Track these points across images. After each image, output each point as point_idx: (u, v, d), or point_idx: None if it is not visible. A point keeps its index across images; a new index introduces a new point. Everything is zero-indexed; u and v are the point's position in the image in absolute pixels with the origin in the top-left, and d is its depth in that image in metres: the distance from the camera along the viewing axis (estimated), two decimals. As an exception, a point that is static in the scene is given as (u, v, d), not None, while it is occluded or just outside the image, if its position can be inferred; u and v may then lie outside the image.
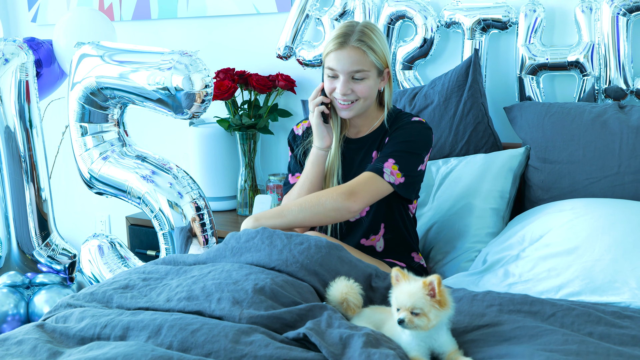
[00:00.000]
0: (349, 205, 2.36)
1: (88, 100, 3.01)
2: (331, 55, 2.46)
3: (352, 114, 2.51)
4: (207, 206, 2.98)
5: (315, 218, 2.38)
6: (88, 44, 3.03)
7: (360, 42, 2.42)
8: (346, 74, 2.44)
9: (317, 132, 2.55)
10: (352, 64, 2.43)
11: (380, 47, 2.45)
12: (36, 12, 4.58)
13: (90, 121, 3.05)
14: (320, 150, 2.55)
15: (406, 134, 2.48)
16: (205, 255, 2.22)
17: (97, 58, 2.97)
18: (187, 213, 2.92)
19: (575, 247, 2.22)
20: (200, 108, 2.79)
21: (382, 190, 2.42)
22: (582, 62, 2.84)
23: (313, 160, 2.56)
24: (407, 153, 2.45)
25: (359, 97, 2.47)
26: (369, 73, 2.45)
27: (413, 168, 2.46)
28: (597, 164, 2.62)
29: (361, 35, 2.43)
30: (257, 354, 1.63)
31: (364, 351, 1.63)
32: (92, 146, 3.06)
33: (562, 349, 1.63)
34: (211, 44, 3.94)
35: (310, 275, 2.03)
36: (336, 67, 2.45)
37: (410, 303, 1.69)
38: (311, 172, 2.56)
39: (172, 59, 2.77)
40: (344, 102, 2.48)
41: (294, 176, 2.69)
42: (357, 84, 2.46)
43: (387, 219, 2.56)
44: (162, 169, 2.98)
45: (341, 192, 2.37)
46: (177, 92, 2.75)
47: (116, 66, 2.91)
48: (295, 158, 2.70)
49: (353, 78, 2.45)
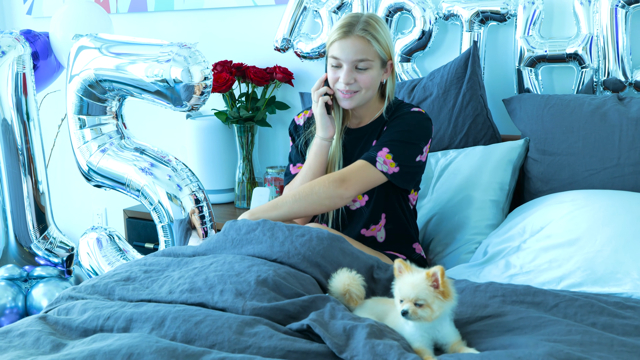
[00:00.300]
0: (341, 192, 2.37)
1: (86, 93, 3.00)
2: (335, 45, 2.46)
3: (353, 105, 2.51)
4: (206, 199, 2.97)
5: (311, 208, 2.40)
6: (86, 36, 3.02)
7: (365, 31, 2.43)
8: (350, 62, 2.45)
9: (321, 123, 2.55)
10: (356, 53, 2.43)
11: (384, 38, 2.46)
12: (31, 4, 4.56)
13: (89, 114, 3.04)
14: (323, 140, 2.55)
15: (403, 124, 2.48)
16: (205, 246, 2.22)
17: (95, 50, 2.96)
18: (186, 205, 2.92)
19: (577, 239, 2.23)
20: (200, 100, 2.78)
21: (374, 178, 2.43)
22: (581, 54, 2.84)
23: (316, 151, 2.56)
24: (402, 142, 2.45)
25: (361, 88, 2.47)
26: (372, 63, 2.45)
27: (409, 158, 2.46)
28: (596, 156, 2.62)
29: (366, 25, 2.44)
30: (261, 345, 1.64)
31: (368, 342, 1.63)
32: (90, 139, 3.06)
33: (565, 339, 1.63)
34: (208, 36, 3.93)
35: (312, 267, 2.03)
36: (340, 55, 2.45)
37: (413, 294, 1.69)
38: (314, 163, 2.56)
39: (171, 51, 2.77)
40: (346, 92, 2.48)
41: (295, 166, 2.69)
42: (361, 74, 2.46)
43: (388, 208, 2.56)
44: (161, 161, 2.97)
45: (333, 179, 2.39)
46: (176, 84, 2.74)
47: (115, 58, 2.90)
48: (297, 148, 2.70)
49: (357, 68, 2.45)
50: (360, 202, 2.56)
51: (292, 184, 2.63)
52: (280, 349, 1.63)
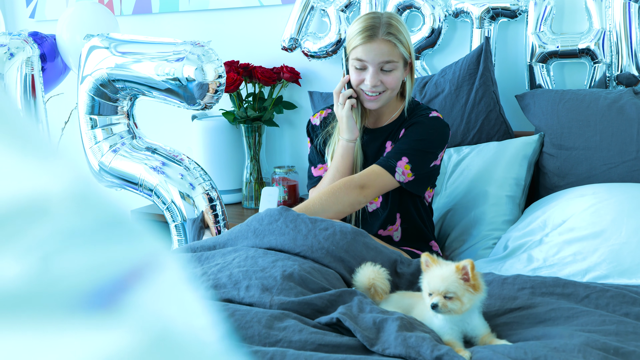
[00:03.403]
0: (360, 199, 2.40)
1: (98, 92, 2.98)
2: (359, 48, 2.45)
3: (379, 105, 2.51)
4: (219, 197, 2.96)
5: (337, 216, 2.41)
6: (97, 36, 3.01)
7: (390, 34, 2.42)
8: (376, 65, 2.44)
9: (347, 125, 2.53)
10: (382, 55, 2.43)
11: (406, 38, 2.46)
12: (34, 8, 4.55)
13: (100, 113, 3.03)
14: (349, 142, 2.54)
15: (423, 132, 2.48)
16: (226, 236, 2.21)
17: (107, 50, 2.95)
18: (199, 204, 2.90)
19: (601, 231, 2.22)
20: (213, 99, 2.77)
21: (389, 185, 2.45)
22: (593, 50, 2.84)
23: (342, 153, 2.54)
24: (422, 152, 2.46)
25: (387, 89, 2.47)
26: (397, 64, 2.45)
27: (425, 166, 2.46)
28: (614, 150, 2.62)
29: (389, 27, 2.43)
30: (292, 339, 1.62)
31: (399, 335, 1.62)
32: (102, 139, 3.04)
33: (600, 329, 1.62)
34: (214, 37, 3.92)
35: (336, 262, 2.02)
36: (366, 58, 2.44)
37: (443, 287, 1.68)
38: (341, 165, 2.54)
39: (184, 49, 2.76)
40: (372, 93, 2.47)
41: (316, 168, 2.67)
42: (386, 75, 2.45)
43: (402, 209, 2.56)
44: (173, 160, 2.96)
45: (354, 186, 2.39)
46: (189, 82, 2.73)
47: (127, 57, 2.89)
48: (316, 149, 2.69)
49: (382, 69, 2.45)
50: (376, 203, 2.57)
51: (318, 188, 2.61)
52: (311, 343, 1.61)
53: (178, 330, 0.37)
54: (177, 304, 0.39)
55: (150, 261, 0.39)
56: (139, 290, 0.37)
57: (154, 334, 0.36)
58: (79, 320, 0.34)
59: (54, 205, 0.36)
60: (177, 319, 0.38)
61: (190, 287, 0.40)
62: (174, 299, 0.39)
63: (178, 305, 0.39)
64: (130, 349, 0.35)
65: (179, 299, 0.39)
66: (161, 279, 0.38)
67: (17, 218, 0.35)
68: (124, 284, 0.36)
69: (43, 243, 0.35)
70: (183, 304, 0.39)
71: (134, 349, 0.35)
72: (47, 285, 0.34)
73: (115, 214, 0.39)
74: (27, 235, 0.35)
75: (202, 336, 0.39)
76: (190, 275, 0.41)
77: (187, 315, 0.39)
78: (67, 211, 0.36)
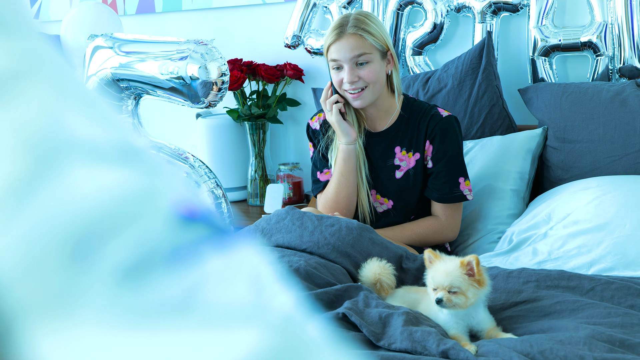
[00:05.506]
0: (450, 237, 2.59)
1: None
2: (332, 48, 2.48)
3: (364, 103, 2.51)
4: (224, 195, 2.97)
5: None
6: (101, 36, 3.02)
7: (356, 27, 2.45)
8: (349, 61, 2.46)
9: (341, 130, 2.55)
10: (352, 50, 2.45)
11: (376, 29, 2.48)
12: (38, 9, 4.56)
13: (105, 113, 3.03)
14: (348, 145, 2.55)
15: (453, 144, 2.52)
16: None
17: (110, 50, 2.95)
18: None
19: (606, 223, 2.22)
20: (217, 97, 2.78)
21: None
22: (596, 43, 2.84)
23: (344, 157, 2.55)
24: (462, 161, 2.55)
25: (368, 83, 2.48)
26: (371, 56, 2.46)
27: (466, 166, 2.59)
28: (618, 142, 2.62)
29: (355, 22, 2.47)
30: (298, 334, 1.63)
31: (405, 329, 1.63)
32: (106, 138, 3.05)
33: (606, 321, 1.63)
34: (217, 35, 3.92)
35: (342, 257, 2.03)
36: (338, 56, 2.47)
37: (447, 282, 1.69)
38: (345, 168, 2.55)
39: (188, 48, 2.77)
40: (353, 90, 2.49)
41: (322, 173, 2.68)
42: (362, 70, 2.47)
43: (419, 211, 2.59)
44: (179, 158, 2.97)
45: (447, 233, 2.56)
46: (193, 81, 2.74)
47: (131, 57, 2.89)
48: (319, 153, 2.70)
49: (357, 64, 2.47)
50: (387, 204, 2.58)
51: (325, 193, 2.62)
52: (317, 338, 1.62)
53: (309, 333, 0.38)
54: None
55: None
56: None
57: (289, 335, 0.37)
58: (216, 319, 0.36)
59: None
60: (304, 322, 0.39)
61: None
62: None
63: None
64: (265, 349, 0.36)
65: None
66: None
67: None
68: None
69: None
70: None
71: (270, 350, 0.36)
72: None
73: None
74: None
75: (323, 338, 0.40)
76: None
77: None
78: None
